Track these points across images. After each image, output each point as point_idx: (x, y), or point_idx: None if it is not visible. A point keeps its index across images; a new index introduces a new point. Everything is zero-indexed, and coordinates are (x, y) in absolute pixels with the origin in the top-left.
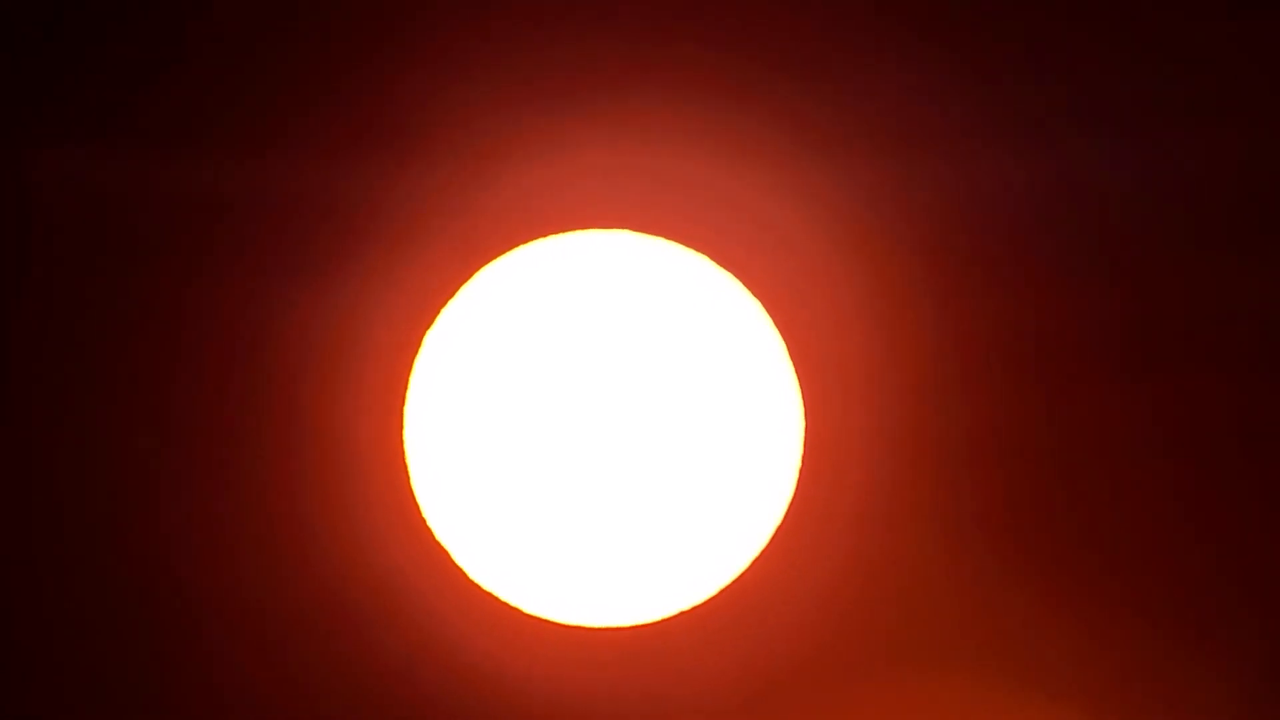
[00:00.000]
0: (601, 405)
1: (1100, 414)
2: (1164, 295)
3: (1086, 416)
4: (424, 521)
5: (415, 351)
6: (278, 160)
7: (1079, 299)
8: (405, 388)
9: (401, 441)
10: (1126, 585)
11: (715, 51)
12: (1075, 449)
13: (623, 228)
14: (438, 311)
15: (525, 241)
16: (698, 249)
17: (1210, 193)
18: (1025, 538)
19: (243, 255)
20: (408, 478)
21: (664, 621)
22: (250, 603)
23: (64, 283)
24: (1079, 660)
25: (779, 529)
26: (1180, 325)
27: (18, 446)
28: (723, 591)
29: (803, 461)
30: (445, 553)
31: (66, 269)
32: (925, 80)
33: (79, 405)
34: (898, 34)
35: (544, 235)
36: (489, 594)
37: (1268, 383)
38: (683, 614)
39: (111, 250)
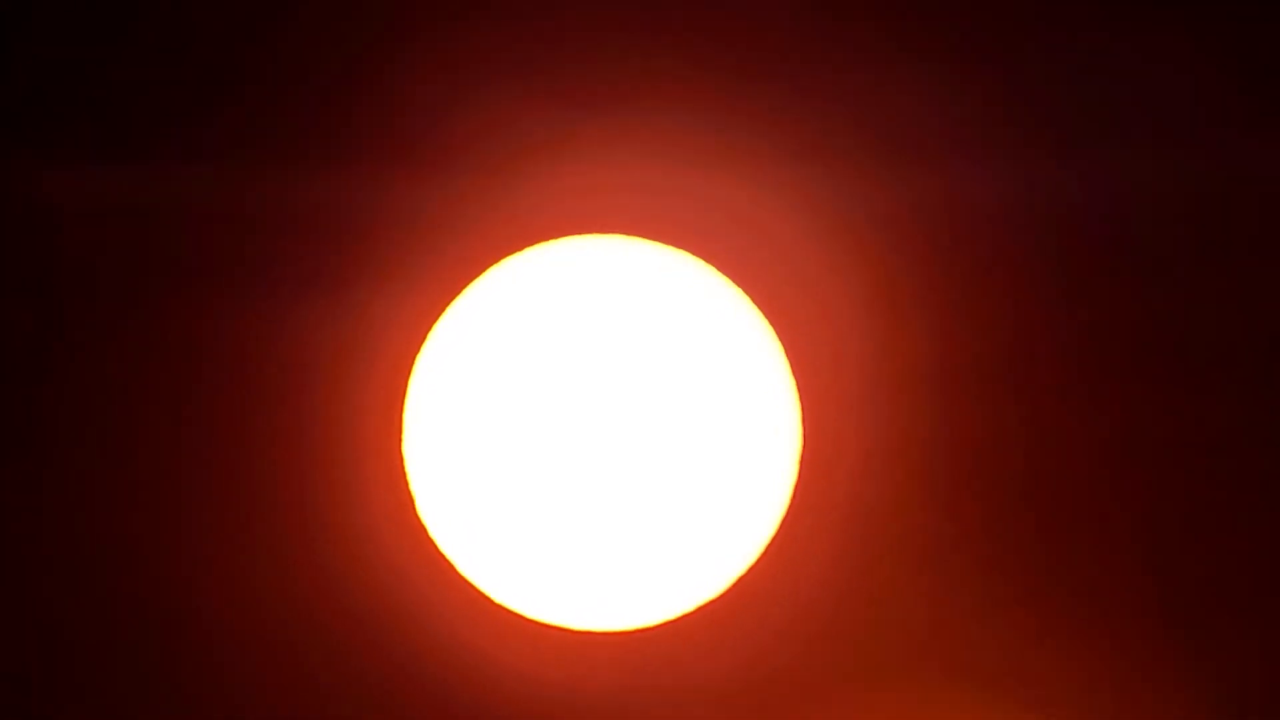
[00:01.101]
0: (600, 410)
1: (1097, 421)
2: (1160, 305)
3: (1083, 423)
4: (423, 526)
5: (414, 357)
6: (278, 169)
7: (1075, 306)
8: (404, 393)
9: (401, 446)
10: (1121, 599)
11: (713, 61)
12: (1073, 456)
13: (620, 233)
14: (437, 317)
15: (524, 247)
16: (695, 254)
17: (1207, 205)
18: (1022, 544)
19: (242, 263)
20: (407, 482)
21: (661, 625)
22: (250, 606)
23: (65, 296)
24: (1077, 672)
25: (776, 534)
26: (1176, 335)
27: (25, 453)
28: (720, 596)
29: (800, 466)
30: (444, 557)
31: (68, 282)
32: (922, 88)
33: (81, 414)
34: (893, 43)
35: (543, 241)
36: (488, 598)
37: (1258, 398)
38: (680, 618)
39: (115, 262)
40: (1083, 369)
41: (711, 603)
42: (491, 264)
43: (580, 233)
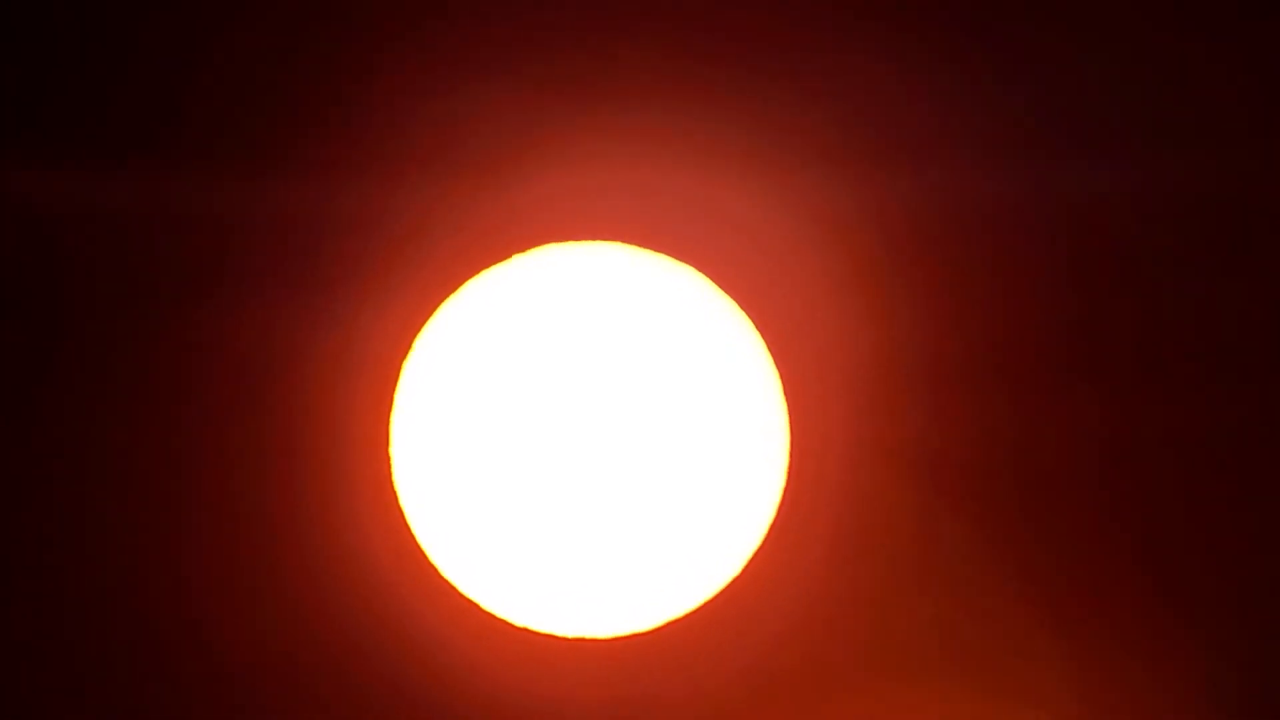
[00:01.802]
0: (588, 416)
1: (1085, 422)
2: (1147, 305)
3: (1071, 424)
4: (410, 532)
5: (401, 364)
6: (263, 173)
7: (1064, 307)
8: (392, 400)
9: (389, 453)
10: (1111, 594)
11: (700, 63)
12: (1059, 456)
13: (607, 239)
14: (424, 324)
15: (511, 255)
16: (681, 258)
17: (1194, 208)
18: (1011, 545)
19: (229, 269)
20: (395, 490)
21: (650, 632)
22: (236, 611)
23: (47, 303)
24: (1062, 670)
25: (765, 538)
26: (1161, 335)
27: (8, 464)
28: (709, 602)
29: (788, 470)
30: (432, 564)
31: (50, 289)
32: (911, 88)
33: (62, 424)
34: (885, 42)
35: (531, 248)
36: (475, 604)
37: (1250, 391)
38: (669, 624)
39: (100, 269)
40: (1073, 368)
41: (702, 608)
42: (477, 271)
43: (567, 238)
